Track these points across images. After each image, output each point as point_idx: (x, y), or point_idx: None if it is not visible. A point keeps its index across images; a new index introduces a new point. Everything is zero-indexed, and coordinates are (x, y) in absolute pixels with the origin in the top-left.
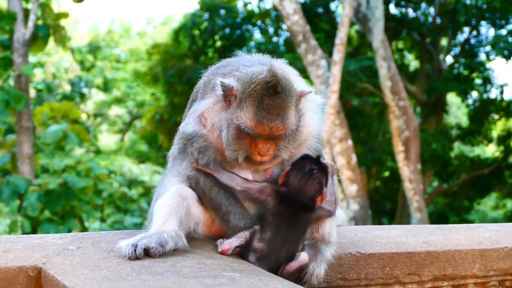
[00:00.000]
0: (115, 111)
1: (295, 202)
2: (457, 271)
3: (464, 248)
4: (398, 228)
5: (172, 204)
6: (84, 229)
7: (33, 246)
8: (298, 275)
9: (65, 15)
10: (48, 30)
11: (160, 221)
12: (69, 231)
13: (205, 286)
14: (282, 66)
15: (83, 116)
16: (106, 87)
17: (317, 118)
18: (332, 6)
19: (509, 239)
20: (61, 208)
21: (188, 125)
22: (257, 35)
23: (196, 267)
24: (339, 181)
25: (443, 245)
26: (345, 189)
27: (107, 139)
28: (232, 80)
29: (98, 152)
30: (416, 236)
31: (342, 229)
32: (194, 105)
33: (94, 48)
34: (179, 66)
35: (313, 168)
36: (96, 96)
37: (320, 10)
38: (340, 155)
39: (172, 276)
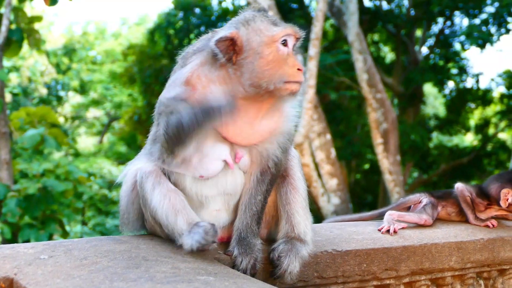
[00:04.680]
0: (93, 113)
1: None
2: (434, 265)
3: (441, 241)
4: (374, 223)
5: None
6: (65, 233)
7: (4, 256)
8: (271, 270)
9: (38, 18)
10: (22, 34)
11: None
12: (50, 235)
13: None
14: None
15: (61, 120)
16: (82, 89)
17: (295, 108)
18: (306, 1)
19: (485, 231)
20: (41, 213)
21: (169, 91)
22: None
23: (170, 272)
24: (319, 175)
25: (419, 239)
26: (325, 183)
27: (85, 141)
28: (226, 32)
29: (77, 155)
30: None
31: (318, 226)
32: (171, 77)
33: (69, 51)
34: (155, 66)
35: None
36: (73, 99)
37: (295, 5)
38: (319, 150)
39: (146, 283)
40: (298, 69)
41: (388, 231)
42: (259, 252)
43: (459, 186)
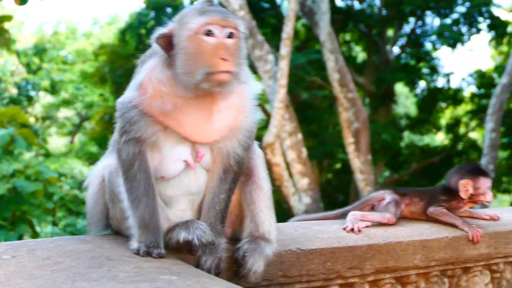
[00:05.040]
0: (64, 113)
1: None
2: (398, 263)
3: (405, 239)
4: (339, 222)
5: None
6: (35, 234)
7: None
8: (236, 270)
9: (8, 18)
10: None
11: None
12: (20, 236)
13: None
14: None
15: (31, 120)
16: (53, 89)
17: (255, 104)
18: (278, 0)
19: (449, 229)
20: (11, 213)
21: (124, 96)
22: None
23: (133, 271)
24: (290, 175)
25: (384, 238)
26: (296, 182)
27: (56, 141)
28: (163, 30)
29: (47, 155)
30: None
31: (283, 225)
32: (131, 82)
33: (40, 50)
34: (126, 66)
35: None
36: (44, 99)
37: (266, 5)
38: (290, 149)
39: (108, 282)
40: (222, 59)
41: (352, 229)
42: (224, 251)
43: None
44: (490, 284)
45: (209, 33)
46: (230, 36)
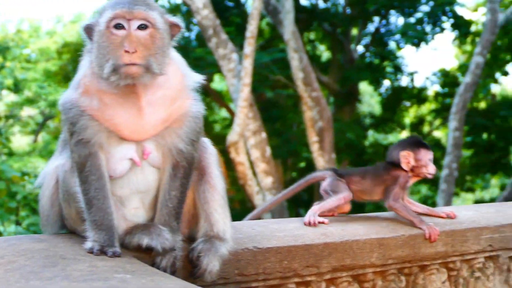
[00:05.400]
0: (27, 112)
1: None
2: (355, 261)
3: (362, 238)
4: (296, 220)
5: None
6: None
7: None
8: (191, 270)
9: None
10: None
11: None
12: None
13: None
14: None
15: None
16: (17, 88)
17: (195, 97)
18: None
19: (406, 227)
20: None
21: (65, 95)
22: None
23: (87, 270)
24: (254, 174)
25: (341, 236)
26: (260, 181)
27: (20, 140)
28: (87, 21)
29: (10, 154)
30: (314, 228)
31: (240, 224)
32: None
33: (3, 49)
34: None
35: None
36: (7, 97)
37: (231, 3)
38: (254, 148)
39: (61, 281)
40: (125, 51)
41: (309, 223)
42: (179, 250)
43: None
44: (447, 282)
45: (118, 26)
46: (142, 28)
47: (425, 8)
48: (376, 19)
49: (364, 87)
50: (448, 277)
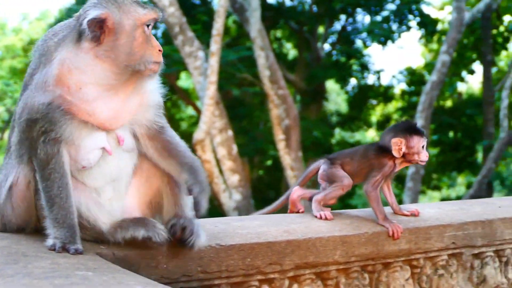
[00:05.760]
0: None
1: None
2: (318, 259)
3: (325, 235)
4: (260, 218)
5: None
6: None
7: None
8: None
9: None
10: None
11: None
12: None
13: (55, 286)
14: None
15: None
16: None
17: (157, 86)
18: None
19: (370, 224)
20: None
21: (39, 96)
22: None
23: (49, 267)
24: (221, 171)
25: (304, 233)
26: (227, 179)
27: None
28: (98, 12)
29: None
30: (277, 225)
31: (203, 221)
32: (36, 77)
33: None
34: None
35: None
36: None
37: (197, 1)
38: (220, 146)
39: (23, 278)
40: (159, 50)
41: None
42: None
43: (366, 189)
44: (411, 279)
45: (149, 25)
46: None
47: (391, 6)
48: (343, 17)
49: (331, 85)
50: (411, 274)
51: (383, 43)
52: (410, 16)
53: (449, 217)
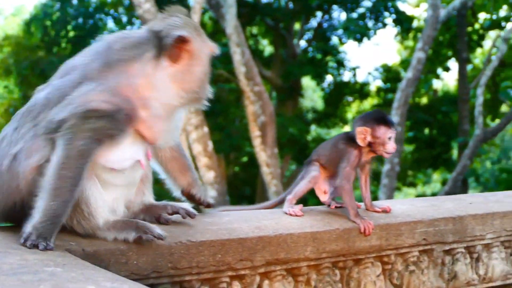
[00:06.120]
0: None
1: None
2: (289, 255)
3: (296, 231)
4: (231, 214)
5: None
6: None
7: None
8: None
9: None
10: None
11: None
12: None
13: (23, 282)
14: None
15: None
16: None
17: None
18: None
19: (341, 221)
20: None
21: (104, 96)
22: (111, 24)
23: (17, 263)
24: (196, 168)
25: (275, 230)
26: (202, 176)
27: None
28: (184, 32)
29: None
30: (248, 221)
31: (174, 217)
32: (109, 79)
33: None
34: (32, 58)
35: None
36: None
37: None
38: (196, 142)
39: None
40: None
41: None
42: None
43: (339, 183)
44: (382, 275)
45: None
46: None
47: (367, 3)
48: (319, 14)
49: (307, 82)
50: (382, 270)
51: (359, 40)
52: (386, 13)
53: (420, 214)
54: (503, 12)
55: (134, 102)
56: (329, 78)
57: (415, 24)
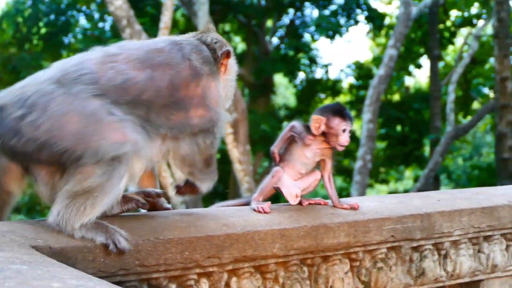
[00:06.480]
0: None
1: None
2: (257, 252)
3: (264, 228)
4: (199, 212)
5: None
6: None
7: None
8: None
9: None
10: None
11: None
12: None
13: None
14: None
15: None
16: None
17: None
18: None
19: (309, 218)
20: None
21: (222, 113)
22: (83, 21)
23: None
24: (169, 165)
25: (242, 227)
26: (174, 173)
27: None
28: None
29: None
30: (216, 219)
31: (140, 214)
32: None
33: None
34: (3, 55)
35: None
36: None
37: None
38: None
39: None
40: None
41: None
42: None
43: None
44: (350, 272)
45: None
46: None
47: (339, 0)
48: (291, 11)
49: (279, 79)
50: (350, 267)
51: (331, 37)
52: (358, 10)
53: (388, 210)
54: (474, 9)
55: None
56: (301, 75)
57: (387, 21)
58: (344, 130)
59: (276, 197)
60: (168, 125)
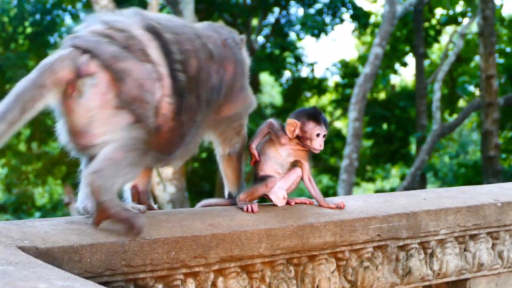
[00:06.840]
0: None
1: None
2: (243, 252)
3: (250, 228)
4: (185, 211)
5: None
6: None
7: None
8: None
9: None
10: None
11: None
12: None
13: None
14: None
15: None
16: None
17: None
18: None
19: (295, 217)
20: None
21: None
22: (68, 20)
23: None
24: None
25: (229, 227)
26: (161, 172)
27: None
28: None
29: None
30: (202, 218)
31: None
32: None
33: None
34: None
35: None
36: None
37: None
38: None
39: None
40: None
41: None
42: None
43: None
44: (336, 271)
45: None
46: None
47: None
48: (276, 9)
49: (265, 77)
50: (337, 267)
51: (317, 36)
52: (343, 9)
53: (374, 210)
54: (459, 7)
55: None
56: (287, 73)
57: (372, 19)
58: (318, 135)
59: (262, 197)
60: None
